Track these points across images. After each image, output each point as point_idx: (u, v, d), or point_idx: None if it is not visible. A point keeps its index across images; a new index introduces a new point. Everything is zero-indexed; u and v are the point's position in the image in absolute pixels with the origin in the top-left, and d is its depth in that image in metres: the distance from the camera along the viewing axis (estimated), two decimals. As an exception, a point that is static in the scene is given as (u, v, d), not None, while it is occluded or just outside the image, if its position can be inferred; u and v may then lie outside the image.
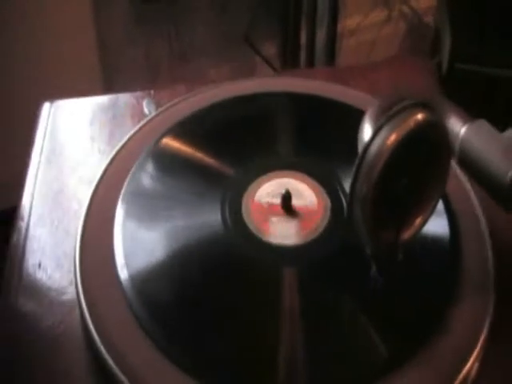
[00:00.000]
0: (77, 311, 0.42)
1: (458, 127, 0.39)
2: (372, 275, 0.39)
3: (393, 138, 0.34)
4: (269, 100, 0.55)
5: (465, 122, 0.39)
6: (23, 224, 0.48)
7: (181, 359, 0.38)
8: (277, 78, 0.60)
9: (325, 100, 0.55)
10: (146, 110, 0.57)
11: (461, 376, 0.37)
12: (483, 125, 0.39)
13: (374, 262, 0.39)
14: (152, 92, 0.61)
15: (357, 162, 0.35)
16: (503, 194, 0.36)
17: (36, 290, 0.44)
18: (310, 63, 1.54)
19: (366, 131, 0.38)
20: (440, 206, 0.43)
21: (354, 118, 0.41)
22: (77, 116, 0.59)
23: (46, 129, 0.57)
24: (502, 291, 0.41)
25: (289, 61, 1.59)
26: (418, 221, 0.38)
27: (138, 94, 0.61)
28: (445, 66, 1.21)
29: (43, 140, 0.56)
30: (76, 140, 0.56)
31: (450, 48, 1.18)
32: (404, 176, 0.36)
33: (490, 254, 0.43)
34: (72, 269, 0.43)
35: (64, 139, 0.56)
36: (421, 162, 0.36)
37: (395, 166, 0.35)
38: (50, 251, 0.46)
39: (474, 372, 0.38)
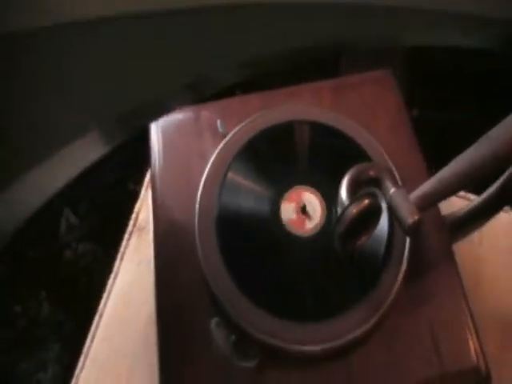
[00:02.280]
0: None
1: (390, 187, 0.77)
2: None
3: (353, 212, 0.73)
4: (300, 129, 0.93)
5: (394, 185, 0.77)
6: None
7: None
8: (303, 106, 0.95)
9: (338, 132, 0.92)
10: (220, 130, 0.93)
11: (386, 304, 0.80)
12: (403, 191, 0.76)
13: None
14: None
15: (338, 217, 0.75)
16: (406, 232, 0.76)
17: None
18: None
19: (343, 194, 0.76)
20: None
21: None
22: (174, 134, 0.96)
23: (157, 148, 0.94)
24: (411, 262, 0.83)
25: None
26: (365, 238, 0.78)
27: (213, 108, 0.97)
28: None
29: (157, 160, 0.94)
30: (176, 158, 0.94)
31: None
32: (358, 224, 0.75)
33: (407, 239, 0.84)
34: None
35: (169, 157, 0.93)
36: (367, 218, 0.75)
37: (354, 221, 0.74)
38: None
39: (390, 303, 0.81)
